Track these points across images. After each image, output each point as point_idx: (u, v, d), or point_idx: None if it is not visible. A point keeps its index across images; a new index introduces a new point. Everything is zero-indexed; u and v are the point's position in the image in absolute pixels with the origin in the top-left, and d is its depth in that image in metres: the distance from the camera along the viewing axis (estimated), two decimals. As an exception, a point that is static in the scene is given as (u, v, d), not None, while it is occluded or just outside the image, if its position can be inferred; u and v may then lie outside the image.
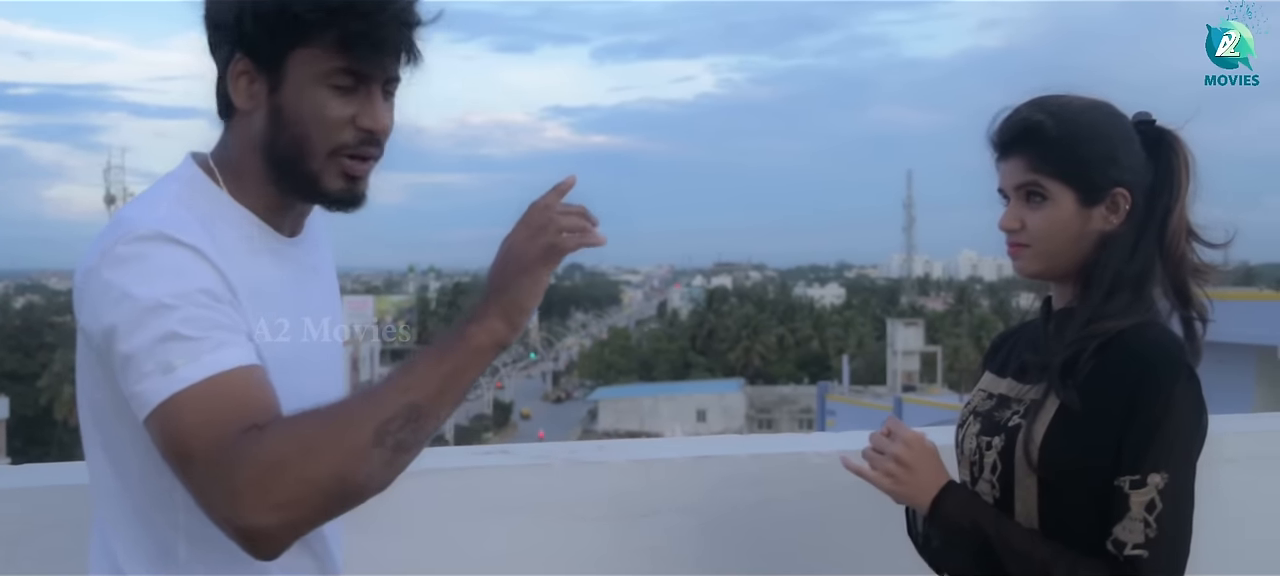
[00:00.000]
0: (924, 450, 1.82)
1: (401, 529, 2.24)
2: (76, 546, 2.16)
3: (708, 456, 2.54)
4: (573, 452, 2.53)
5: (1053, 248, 1.79)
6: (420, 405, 1.35)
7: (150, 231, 1.39)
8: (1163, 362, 1.69)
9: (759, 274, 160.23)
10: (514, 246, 1.42)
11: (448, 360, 1.38)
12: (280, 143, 1.49)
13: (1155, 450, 1.64)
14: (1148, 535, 1.63)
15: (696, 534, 2.46)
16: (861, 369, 63.60)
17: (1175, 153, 1.81)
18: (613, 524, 2.44)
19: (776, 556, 2.50)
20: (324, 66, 1.47)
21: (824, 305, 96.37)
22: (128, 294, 1.35)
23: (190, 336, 1.34)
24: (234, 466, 1.28)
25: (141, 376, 1.33)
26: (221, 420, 1.31)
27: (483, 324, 1.40)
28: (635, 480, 2.48)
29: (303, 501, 1.30)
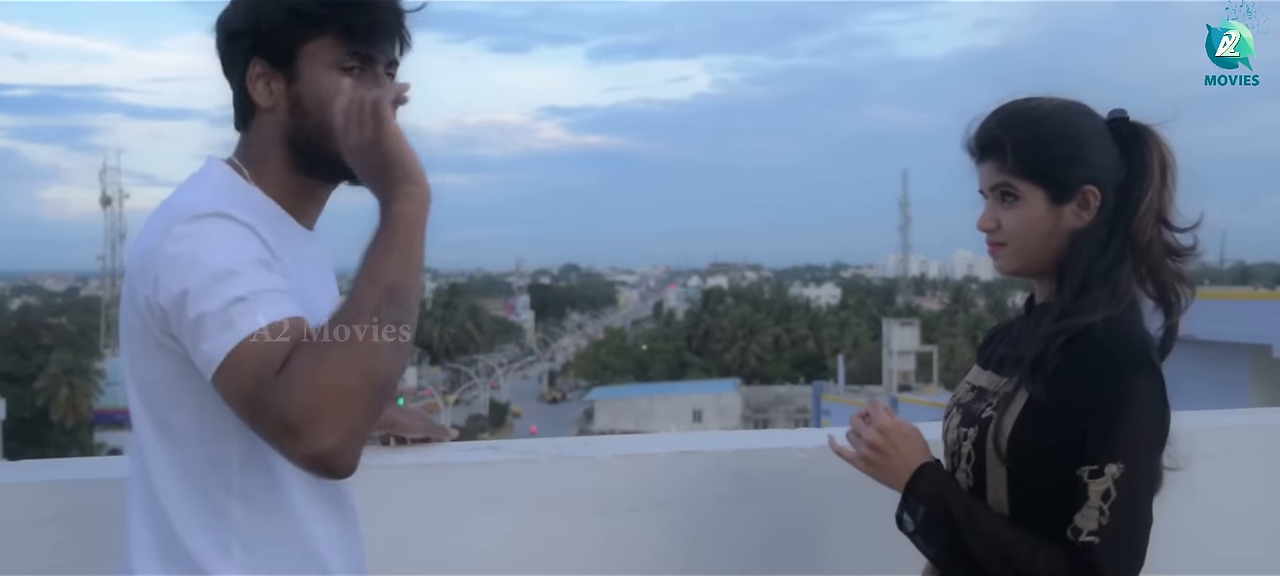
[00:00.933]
0: (901, 434, 1.88)
1: (390, 523, 2.24)
2: (75, 540, 2.17)
3: (692, 452, 2.56)
4: (559, 448, 2.54)
5: (1027, 245, 1.85)
6: (392, 284, 1.50)
7: (208, 210, 1.53)
8: (1123, 356, 1.73)
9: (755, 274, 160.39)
10: (357, 144, 1.56)
11: (395, 239, 1.52)
12: (304, 128, 1.66)
13: (1113, 441, 1.69)
14: (1101, 522, 1.68)
15: (681, 528, 2.49)
16: (857, 369, 63.66)
17: (1148, 147, 1.85)
18: (599, 518, 2.46)
19: (760, 550, 2.52)
20: (332, 55, 1.65)
21: (820, 305, 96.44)
22: (196, 262, 1.49)
23: (248, 297, 1.47)
24: (284, 404, 1.41)
25: (207, 335, 1.46)
26: (264, 367, 1.44)
27: (400, 197, 1.53)
28: (621, 475, 2.50)
29: (351, 411, 1.43)
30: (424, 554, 2.34)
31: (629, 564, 2.46)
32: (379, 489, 2.23)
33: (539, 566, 2.42)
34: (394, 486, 2.33)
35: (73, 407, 50.39)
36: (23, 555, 2.19)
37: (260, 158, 1.69)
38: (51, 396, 49.88)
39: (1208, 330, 18.26)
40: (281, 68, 1.65)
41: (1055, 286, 1.85)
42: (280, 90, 1.66)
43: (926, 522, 1.82)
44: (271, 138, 1.68)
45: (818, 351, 74.74)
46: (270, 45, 1.64)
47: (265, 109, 1.67)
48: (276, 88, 1.66)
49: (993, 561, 1.76)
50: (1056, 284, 1.85)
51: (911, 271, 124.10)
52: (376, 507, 1.99)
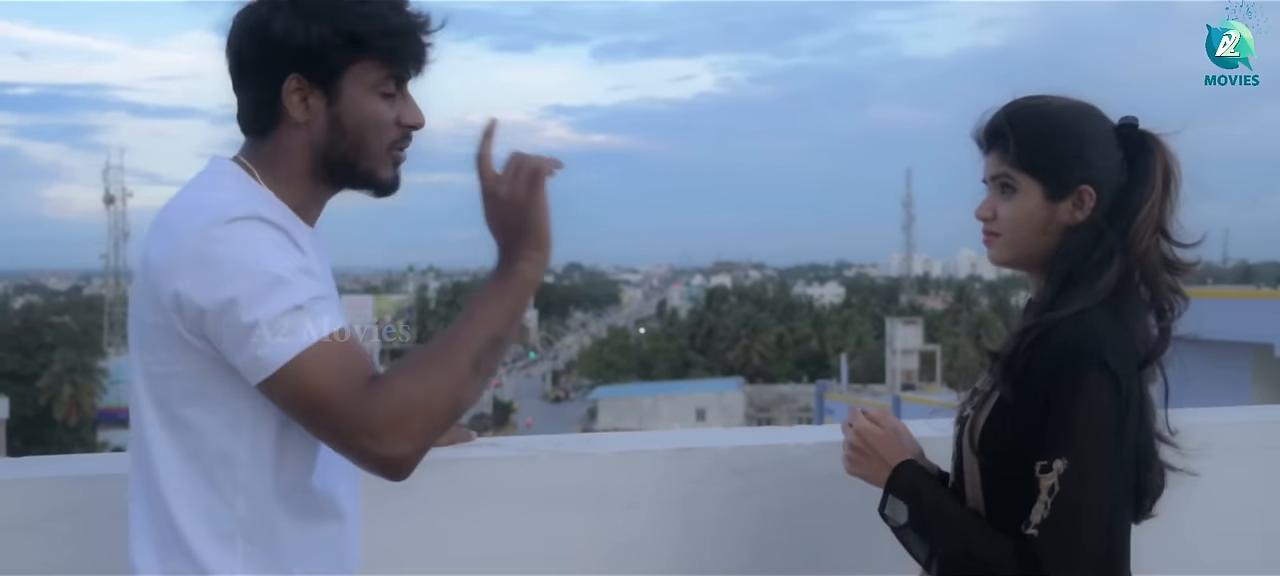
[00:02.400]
0: (880, 436, 1.98)
1: (389, 519, 2.26)
2: (80, 535, 2.18)
3: (690, 448, 2.58)
4: (558, 445, 2.56)
5: (1019, 237, 1.90)
6: (498, 334, 1.62)
7: (245, 212, 1.57)
8: (1076, 354, 1.76)
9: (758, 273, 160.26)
10: (508, 197, 1.65)
11: (509, 295, 1.64)
12: (340, 148, 1.71)
13: (1061, 437, 1.74)
14: (1044, 516, 1.73)
15: (679, 524, 2.51)
16: (860, 367, 63.66)
17: (1153, 155, 1.87)
18: (597, 514, 2.48)
19: (758, 547, 2.53)
20: (374, 77, 1.70)
21: (823, 304, 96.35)
22: (244, 267, 1.53)
23: (305, 304, 1.54)
24: (372, 410, 1.52)
25: (264, 342, 1.52)
26: (350, 371, 1.54)
27: (525, 258, 1.65)
28: (619, 472, 2.52)
29: (429, 430, 1.56)
30: (423, 550, 2.36)
31: (627, 561, 2.48)
32: (379, 485, 2.23)
33: (537, 563, 2.43)
34: (393, 483, 2.33)
35: (76, 406, 50.45)
36: (29, 550, 2.21)
37: (278, 164, 1.71)
38: (55, 395, 49.93)
39: (1210, 329, 18.26)
40: (321, 85, 1.68)
41: (1043, 282, 1.89)
42: (319, 107, 1.68)
43: (905, 517, 1.90)
44: (298, 149, 1.70)
45: (821, 350, 74.72)
46: (315, 62, 1.66)
47: (299, 122, 1.69)
48: (314, 104, 1.68)
49: (956, 553, 1.84)
50: (1046, 280, 1.89)
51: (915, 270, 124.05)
52: (376, 504, 2.00)
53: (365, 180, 1.75)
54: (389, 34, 1.68)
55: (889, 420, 2.04)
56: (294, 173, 1.71)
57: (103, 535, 2.16)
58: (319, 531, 1.73)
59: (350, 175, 1.74)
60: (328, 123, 1.69)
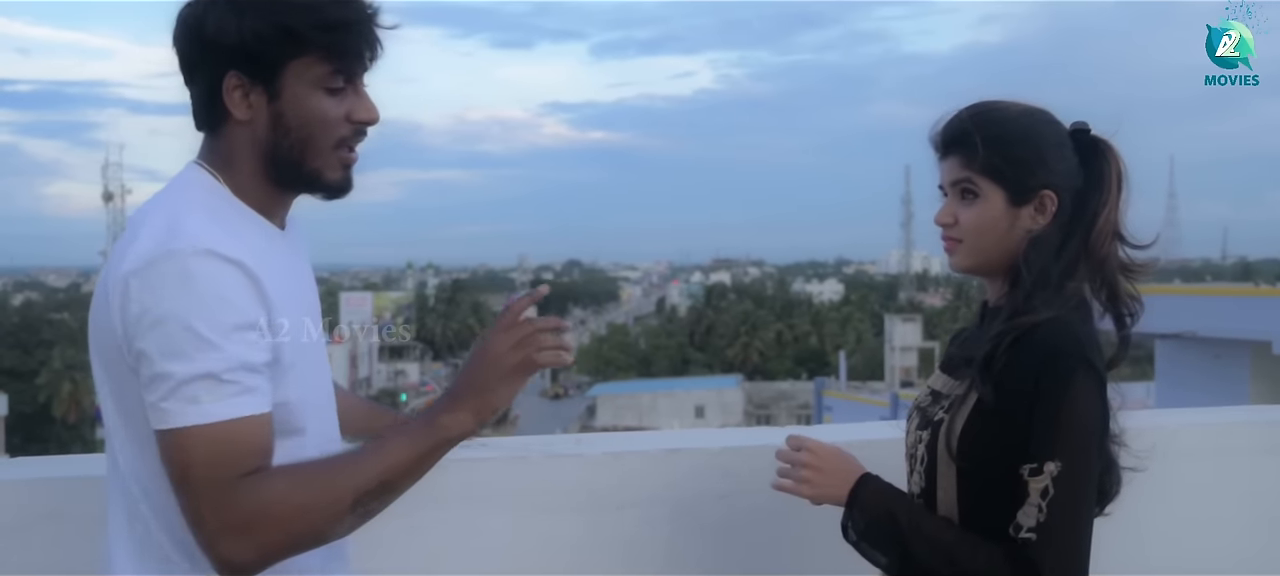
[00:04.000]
0: (831, 453, 1.97)
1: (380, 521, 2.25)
2: (70, 537, 2.18)
3: (679, 449, 2.59)
4: (549, 446, 2.56)
5: (983, 243, 1.90)
6: (392, 482, 1.55)
7: (197, 248, 1.51)
8: (1062, 355, 1.76)
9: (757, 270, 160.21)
10: (494, 352, 1.58)
11: (420, 444, 1.57)
12: (284, 145, 1.64)
13: (1051, 439, 1.73)
14: (1040, 520, 1.72)
15: (668, 524, 2.51)
16: (860, 365, 63.66)
17: (1107, 160, 1.89)
18: (588, 515, 2.48)
19: (748, 547, 2.54)
20: (317, 72, 1.62)
21: (822, 301, 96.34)
22: (173, 315, 1.48)
23: (222, 378, 1.48)
24: (229, 506, 1.47)
25: (167, 396, 1.48)
26: (227, 461, 1.48)
27: (455, 416, 1.57)
28: (610, 472, 2.52)
29: (280, 546, 1.50)
30: (413, 551, 2.36)
31: (617, 561, 2.48)
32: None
33: (528, 563, 2.44)
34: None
35: (75, 404, 50.42)
36: (18, 552, 2.20)
37: (231, 164, 1.65)
38: (54, 392, 49.91)
39: (1208, 326, 18.28)
40: (262, 82, 1.61)
41: (1007, 288, 1.90)
42: (260, 104, 1.62)
43: (870, 530, 1.88)
44: (245, 148, 1.64)
45: (820, 347, 74.73)
46: (253, 60, 1.60)
47: (242, 121, 1.63)
48: (256, 101, 1.62)
49: (938, 564, 1.80)
50: (1009, 285, 1.89)
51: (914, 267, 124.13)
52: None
53: (312, 182, 1.68)
54: (327, 28, 1.60)
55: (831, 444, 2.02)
56: (246, 174, 1.65)
57: (88, 537, 2.16)
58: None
59: (297, 176, 1.66)
60: (270, 120, 1.63)
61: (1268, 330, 17.40)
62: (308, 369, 1.67)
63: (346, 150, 1.68)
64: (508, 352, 1.57)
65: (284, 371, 1.59)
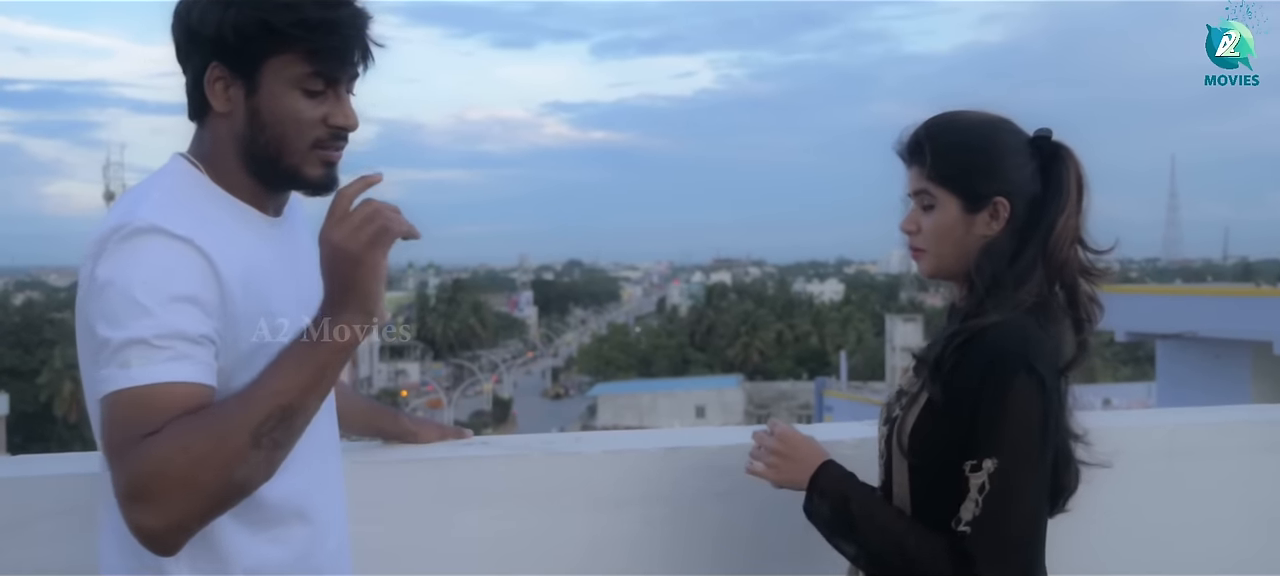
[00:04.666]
0: (798, 440, 2.05)
1: (380, 518, 2.26)
2: (70, 534, 2.18)
3: (679, 448, 2.59)
4: (549, 444, 2.57)
5: (942, 250, 1.97)
6: (290, 405, 1.48)
7: (145, 224, 1.52)
8: (1005, 357, 1.82)
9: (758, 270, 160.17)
10: (340, 244, 1.50)
11: (312, 360, 1.51)
12: (260, 142, 1.65)
13: (991, 437, 1.80)
14: (975, 514, 1.79)
15: (668, 522, 2.51)
16: (860, 365, 63.57)
17: (1066, 166, 1.94)
18: (588, 513, 2.48)
19: (748, 546, 2.54)
20: (295, 72, 1.62)
21: (823, 301, 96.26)
22: (112, 285, 1.49)
23: (153, 344, 1.46)
24: (130, 470, 1.42)
25: (105, 363, 1.47)
26: (135, 424, 1.43)
27: (339, 320, 1.51)
28: (609, 470, 2.53)
29: (187, 505, 1.42)
30: (414, 549, 2.36)
31: (617, 559, 2.48)
32: (370, 484, 2.24)
33: (528, 561, 2.44)
34: (385, 482, 2.35)
35: (76, 403, 50.29)
36: (18, 549, 2.21)
37: (215, 157, 1.67)
38: (55, 391, 49.88)
39: (1209, 326, 18.26)
40: (242, 76, 1.62)
41: (967, 291, 1.96)
42: (238, 98, 1.63)
43: (830, 516, 1.96)
44: (226, 141, 1.66)
45: (821, 347, 74.58)
46: (233, 53, 1.61)
47: (221, 113, 1.65)
48: (235, 95, 1.63)
49: (887, 551, 1.88)
50: (968, 289, 1.95)
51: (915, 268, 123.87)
52: (367, 503, 2.00)
53: (290, 177, 1.68)
54: (306, 27, 1.60)
55: (802, 433, 2.10)
56: (228, 165, 1.67)
57: (89, 534, 2.16)
58: (278, 537, 1.69)
59: (275, 172, 1.67)
60: (247, 115, 1.64)
61: (1269, 330, 17.37)
62: None
63: (326, 151, 1.67)
64: (353, 235, 1.49)
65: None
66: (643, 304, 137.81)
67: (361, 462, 2.31)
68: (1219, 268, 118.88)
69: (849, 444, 2.37)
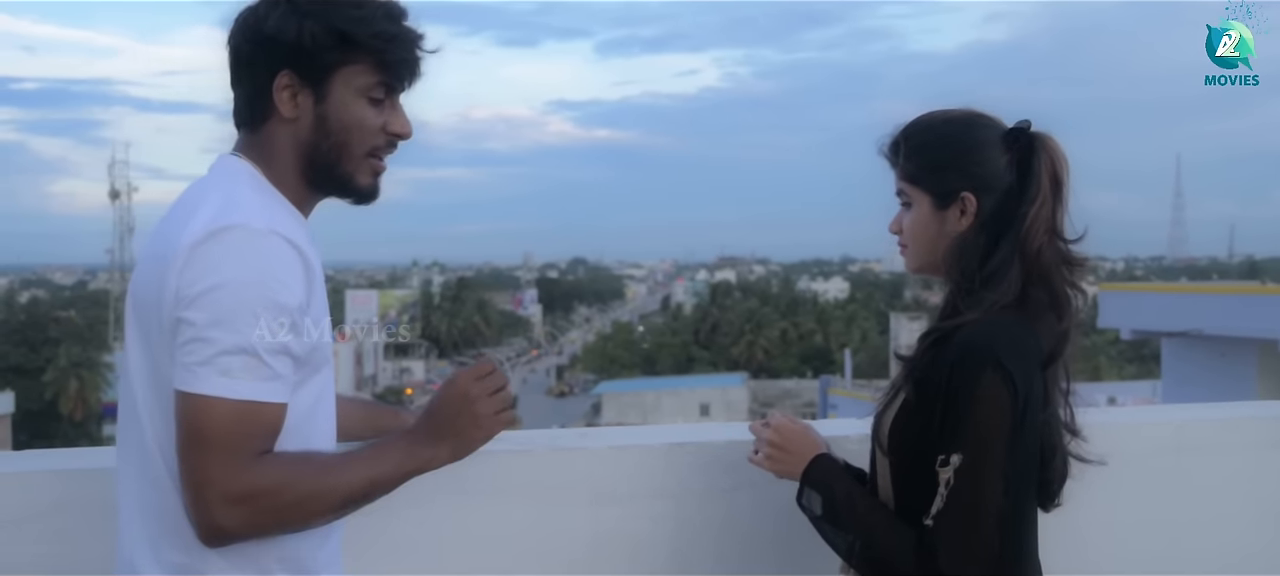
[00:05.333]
0: (795, 432, 2.09)
1: (383, 513, 2.26)
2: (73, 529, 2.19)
3: (685, 443, 2.59)
4: (554, 439, 2.57)
5: (920, 247, 2.01)
6: (374, 492, 1.67)
7: (260, 225, 1.58)
8: (973, 355, 1.84)
9: (762, 268, 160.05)
10: (476, 403, 1.73)
11: (406, 465, 1.70)
12: (324, 147, 1.72)
13: (958, 433, 1.82)
14: (939, 508, 1.82)
15: (674, 519, 2.51)
16: (865, 363, 63.52)
17: (1039, 158, 1.93)
18: (592, 509, 2.48)
19: (753, 542, 2.54)
20: (364, 81, 1.72)
21: (827, 299, 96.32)
22: (228, 285, 1.55)
23: (259, 357, 1.55)
24: (237, 478, 1.54)
25: (205, 361, 1.53)
26: (244, 437, 1.56)
27: (437, 450, 1.72)
28: (613, 466, 2.53)
29: (268, 526, 1.60)
30: (417, 543, 2.36)
31: (622, 554, 2.48)
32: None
33: (532, 557, 2.44)
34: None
35: (81, 401, 50.52)
36: (20, 544, 2.21)
37: (272, 161, 1.73)
38: (60, 389, 49.99)
39: (1215, 324, 18.25)
40: (311, 84, 1.70)
41: (948, 288, 1.98)
42: (307, 105, 1.70)
43: (821, 508, 2.00)
44: (286, 146, 1.72)
45: (825, 345, 74.58)
46: (306, 60, 1.68)
47: (287, 119, 1.71)
48: (303, 101, 1.70)
49: (861, 540, 1.92)
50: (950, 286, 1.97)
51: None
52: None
53: (343, 185, 1.76)
54: (381, 38, 1.70)
55: (800, 422, 2.14)
56: (284, 169, 1.73)
57: (85, 531, 2.17)
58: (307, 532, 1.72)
59: (329, 178, 1.75)
60: (314, 122, 1.71)
61: (1275, 328, 17.36)
62: (329, 371, 1.75)
63: (377, 159, 1.77)
64: (491, 408, 1.73)
65: (314, 371, 1.68)
66: (647, 302, 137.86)
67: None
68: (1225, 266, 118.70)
69: (854, 440, 2.36)
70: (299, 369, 1.64)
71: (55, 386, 50.04)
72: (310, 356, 1.66)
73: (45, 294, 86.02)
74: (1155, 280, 18.78)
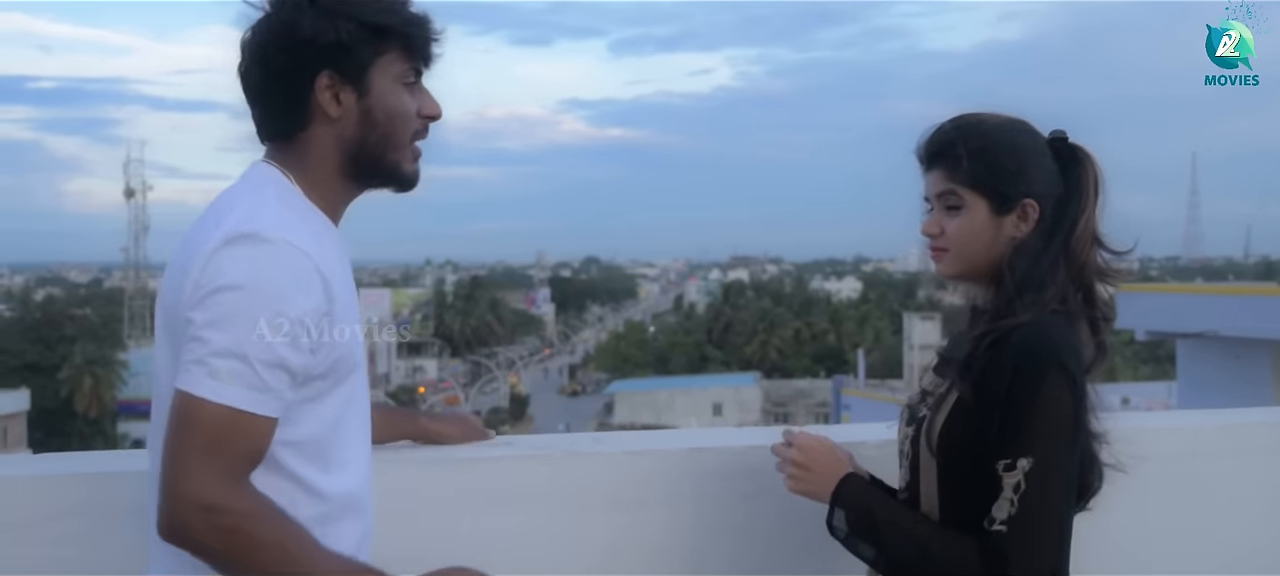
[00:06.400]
0: (820, 450, 2.05)
1: (402, 518, 2.26)
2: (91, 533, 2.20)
3: (703, 448, 2.58)
4: (572, 444, 2.56)
5: (968, 252, 1.98)
6: None
7: (278, 234, 1.59)
8: (1037, 356, 1.83)
9: (776, 267, 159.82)
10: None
11: None
12: (371, 140, 1.75)
13: (1024, 436, 1.80)
14: (1011, 513, 1.79)
15: (691, 523, 2.51)
16: (878, 363, 63.45)
17: (1084, 167, 1.97)
18: (610, 514, 2.48)
19: (770, 547, 2.53)
20: (398, 69, 1.76)
21: (841, 299, 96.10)
22: (233, 288, 1.56)
23: (253, 364, 1.55)
24: (214, 488, 1.54)
25: (195, 360, 1.54)
26: (222, 444, 1.55)
27: None
28: (631, 471, 2.52)
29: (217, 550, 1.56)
30: (434, 549, 2.35)
31: (640, 560, 2.48)
32: (393, 483, 2.24)
33: (549, 561, 2.43)
34: (407, 480, 2.35)
35: (96, 398, 50.78)
36: (38, 547, 2.21)
37: (311, 166, 1.75)
38: (75, 387, 50.25)
39: (1231, 326, 18.15)
40: (352, 80, 1.72)
41: (992, 291, 1.96)
42: (351, 102, 1.73)
43: (854, 527, 1.96)
44: (329, 146, 1.74)
45: (838, 345, 74.43)
46: (345, 58, 1.70)
47: (333, 119, 1.72)
48: (346, 99, 1.73)
49: (913, 557, 1.89)
50: (994, 289, 1.96)
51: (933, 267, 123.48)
52: (391, 501, 2.00)
53: (391, 174, 1.79)
54: (411, 24, 1.75)
55: (823, 439, 2.10)
56: (324, 173, 1.75)
57: (110, 533, 2.18)
58: (340, 531, 1.75)
59: (377, 169, 1.78)
60: (359, 117, 1.74)
61: (1290, 330, 17.25)
62: (355, 381, 1.76)
63: (416, 144, 1.81)
64: None
65: (337, 382, 1.70)
66: (660, 301, 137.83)
67: (386, 460, 2.31)
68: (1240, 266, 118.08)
69: (871, 446, 2.36)
70: (308, 384, 1.65)
71: (70, 384, 50.30)
72: (334, 368, 1.68)
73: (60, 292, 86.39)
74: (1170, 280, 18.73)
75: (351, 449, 1.76)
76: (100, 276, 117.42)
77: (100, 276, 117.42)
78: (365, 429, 1.83)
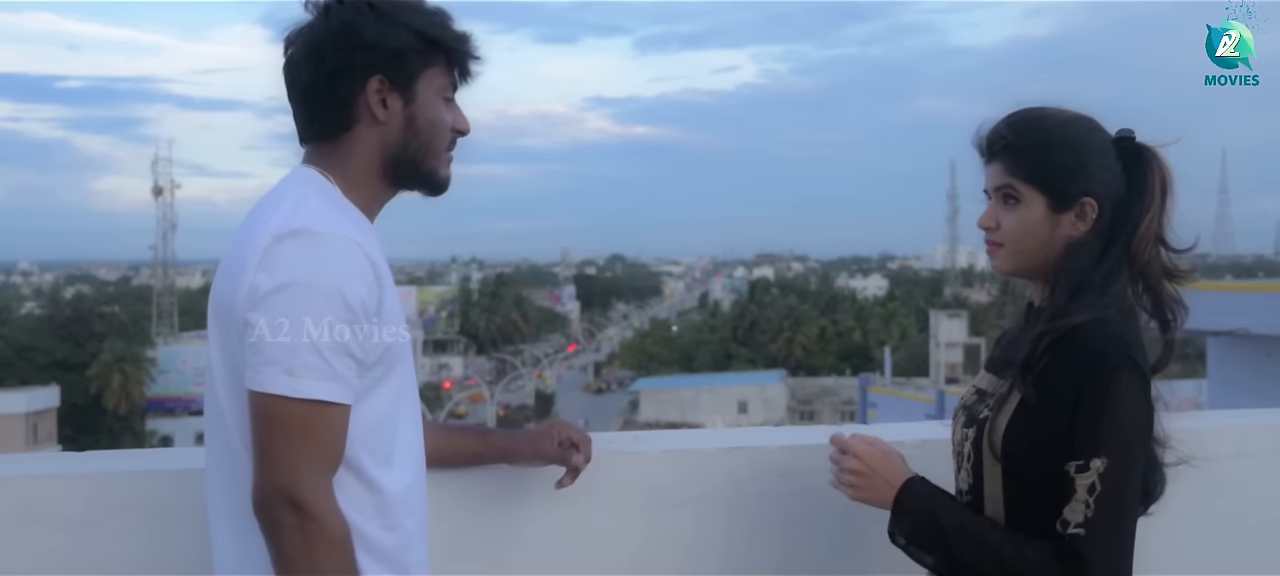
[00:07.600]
0: (878, 455, 2.00)
1: (440, 518, 2.26)
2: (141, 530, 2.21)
3: (738, 447, 2.57)
4: (608, 443, 2.55)
5: (1023, 248, 1.94)
6: None
7: (331, 228, 1.64)
8: (1107, 355, 1.79)
9: (801, 265, 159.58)
10: None
11: None
12: (413, 146, 1.81)
13: (1097, 437, 1.76)
14: (1087, 515, 1.75)
15: (727, 523, 2.50)
16: (904, 361, 63.20)
17: (1150, 168, 1.92)
18: (646, 513, 2.48)
19: (806, 546, 2.52)
20: (441, 82, 1.82)
21: (866, 296, 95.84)
22: (293, 285, 1.60)
23: (323, 357, 1.60)
24: (299, 484, 1.59)
25: (269, 361, 1.58)
26: (317, 440, 1.61)
27: None
28: (668, 470, 2.52)
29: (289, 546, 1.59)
30: (475, 546, 2.37)
31: (676, 559, 2.48)
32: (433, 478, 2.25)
33: (587, 561, 2.44)
34: (446, 480, 2.34)
35: (125, 395, 51.13)
36: (90, 544, 2.24)
37: (351, 166, 1.79)
38: (104, 384, 50.61)
39: (1261, 323, 17.99)
40: (401, 87, 1.78)
41: (1049, 290, 1.92)
42: (397, 108, 1.78)
43: (916, 534, 1.92)
44: (371, 149, 1.79)
45: (864, 343, 74.18)
46: (398, 65, 1.76)
47: (379, 122, 1.77)
48: (393, 105, 1.78)
49: (984, 563, 1.84)
50: (1050, 288, 1.92)
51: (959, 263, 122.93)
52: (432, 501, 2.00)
53: (427, 179, 1.85)
54: (460, 40, 1.81)
55: (879, 443, 2.04)
56: (363, 174, 1.79)
57: (167, 530, 2.21)
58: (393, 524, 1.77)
59: (414, 174, 1.83)
60: (403, 123, 1.79)
61: (1322, 328, 17.07)
62: (404, 370, 1.79)
63: (450, 153, 1.87)
64: None
65: (387, 371, 1.73)
66: (685, 299, 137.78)
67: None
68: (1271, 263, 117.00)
69: (910, 444, 2.32)
70: (366, 372, 1.68)
71: (100, 381, 50.66)
72: (383, 356, 1.71)
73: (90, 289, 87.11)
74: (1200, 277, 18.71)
75: (404, 443, 1.79)
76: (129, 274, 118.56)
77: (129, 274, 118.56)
78: (417, 422, 1.86)
